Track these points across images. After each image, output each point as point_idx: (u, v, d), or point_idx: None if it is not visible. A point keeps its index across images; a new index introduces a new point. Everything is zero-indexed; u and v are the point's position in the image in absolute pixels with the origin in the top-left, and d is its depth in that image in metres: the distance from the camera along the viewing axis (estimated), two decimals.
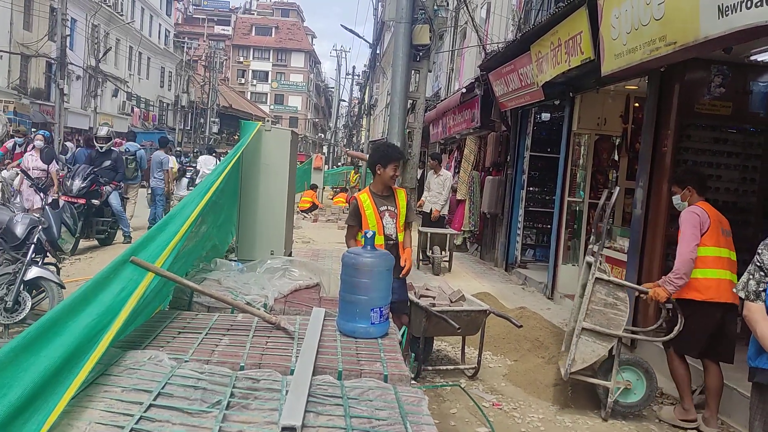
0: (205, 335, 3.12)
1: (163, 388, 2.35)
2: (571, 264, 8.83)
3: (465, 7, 13.78)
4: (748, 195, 6.17)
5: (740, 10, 3.74)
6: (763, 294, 2.71)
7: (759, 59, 5.82)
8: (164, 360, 2.63)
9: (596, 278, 4.62)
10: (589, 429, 4.46)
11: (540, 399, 4.93)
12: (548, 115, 11.20)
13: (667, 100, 6.16)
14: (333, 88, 67.65)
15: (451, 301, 5.39)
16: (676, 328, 4.56)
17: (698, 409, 4.94)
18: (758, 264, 2.78)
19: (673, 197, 4.88)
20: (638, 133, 7.43)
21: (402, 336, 4.27)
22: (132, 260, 2.86)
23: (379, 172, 4.51)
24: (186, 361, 2.70)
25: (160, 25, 46.69)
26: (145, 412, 2.15)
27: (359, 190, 23.25)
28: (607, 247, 7.35)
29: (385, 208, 4.50)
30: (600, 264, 4.69)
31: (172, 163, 15.87)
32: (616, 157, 8.80)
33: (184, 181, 15.44)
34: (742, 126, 6.17)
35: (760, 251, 2.81)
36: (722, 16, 3.90)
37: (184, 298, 3.85)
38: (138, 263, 2.87)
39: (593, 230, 4.98)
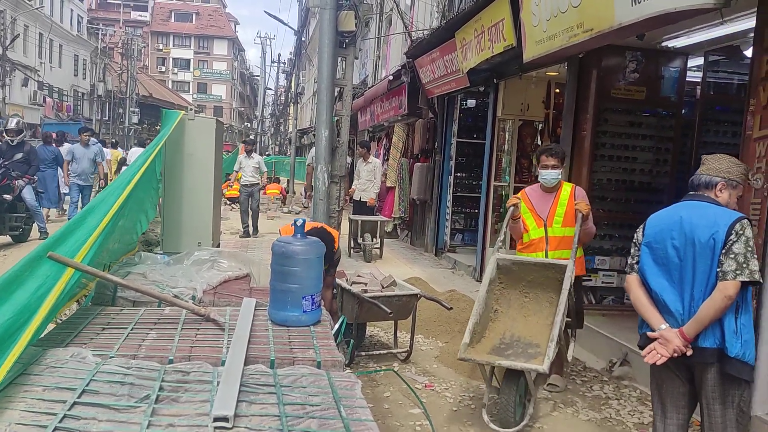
0: (131, 330, 3.04)
1: (87, 386, 2.28)
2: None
3: None
4: (662, 176, 6.52)
5: None
6: (636, 266, 3.07)
7: (670, 45, 6.12)
8: (88, 357, 2.54)
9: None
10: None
11: (471, 378, 5.07)
12: (474, 101, 11.44)
13: (585, 86, 6.41)
14: (258, 76, 66.46)
15: (383, 287, 5.45)
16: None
17: (619, 379, 5.21)
18: (634, 241, 3.14)
19: (553, 171, 4.65)
20: (560, 118, 7.71)
21: (341, 325, 4.28)
22: (49, 255, 2.74)
23: None
24: (111, 357, 2.63)
25: (72, 10, 44.44)
26: (69, 410, 2.08)
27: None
28: None
29: None
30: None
31: (110, 154, 15.54)
32: (540, 142, 9.08)
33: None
34: (655, 110, 6.50)
35: (637, 230, 3.15)
36: (635, 4, 4.09)
37: (108, 294, 3.73)
38: (56, 258, 2.75)
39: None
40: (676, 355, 2.85)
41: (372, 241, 10.34)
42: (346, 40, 8.16)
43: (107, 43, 49.57)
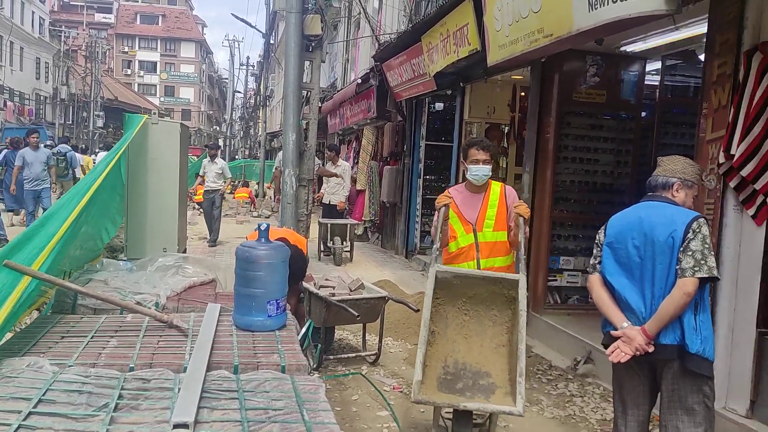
0: (91, 338, 3.00)
1: (44, 395, 2.25)
2: None
3: None
4: (622, 177, 6.66)
5: (607, 4, 4.03)
6: (599, 266, 3.16)
7: (628, 50, 6.27)
8: (45, 366, 2.51)
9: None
10: None
11: None
12: (441, 104, 11.53)
13: (548, 90, 6.52)
14: (227, 79, 65.86)
15: (351, 290, 5.47)
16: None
17: (584, 377, 5.31)
18: (596, 241, 3.24)
19: (485, 167, 4.03)
20: (525, 121, 7.82)
21: (308, 329, 4.28)
22: (5, 263, 2.70)
23: None
24: (70, 366, 2.60)
25: (33, 12, 43.52)
26: (24, 420, 2.05)
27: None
28: None
29: None
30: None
31: (83, 160, 15.54)
32: (506, 144, 9.21)
33: None
34: (615, 113, 6.64)
35: (599, 231, 3.24)
36: (592, 10, 4.19)
37: (67, 301, 3.67)
38: (12, 266, 2.71)
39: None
40: (638, 353, 2.92)
41: (342, 244, 10.34)
42: (313, 44, 8.18)
43: (70, 45, 48.64)
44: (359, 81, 13.15)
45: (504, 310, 3.66)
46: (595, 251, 3.20)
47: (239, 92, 58.79)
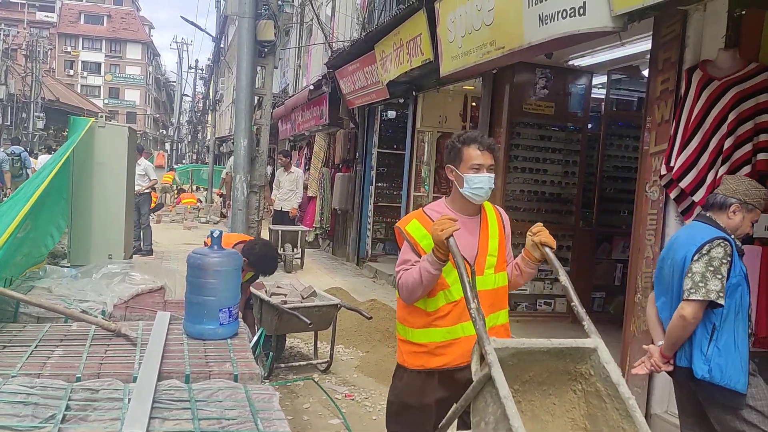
0: (35, 348, 2.90)
1: None
2: None
3: (310, 4, 13.84)
4: (570, 187, 6.85)
5: (557, 20, 4.16)
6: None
7: (576, 64, 6.47)
8: None
9: None
10: None
11: None
12: (394, 113, 11.62)
13: (499, 101, 6.66)
14: (175, 82, 64.63)
15: (303, 298, 5.44)
16: None
17: None
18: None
19: (489, 176, 2.81)
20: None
21: (260, 337, 4.24)
22: None
23: None
24: (13, 377, 2.50)
25: None
26: None
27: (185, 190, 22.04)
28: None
29: None
30: None
31: (34, 163, 15.34)
32: None
33: None
34: (563, 124, 6.83)
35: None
36: (542, 24, 4.32)
37: (9, 310, 3.54)
38: None
39: None
40: (653, 369, 2.93)
41: (293, 251, 10.27)
42: (266, 50, 8.13)
43: (9, 44, 46.84)
44: (311, 87, 13.12)
45: (563, 394, 2.34)
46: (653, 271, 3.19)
47: (187, 96, 57.73)
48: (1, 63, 42.72)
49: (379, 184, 11.59)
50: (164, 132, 75.44)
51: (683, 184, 3.99)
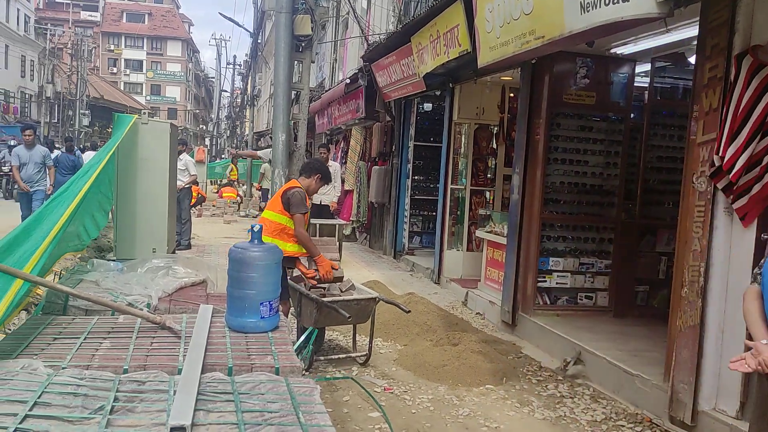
0: (84, 340, 2.98)
1: (39, 398, 2.23)
2: (456, 249, 9.20)
3: None
4: (612, 178, 6.70)
5: (599, 7, 4.05)
6: (759, 277, 2.88)
7: (618, 52, 6.31)
8: (39, 368, 2.49)
9: None
10: (476, 404, 4.70)
11: (429, 381, 5.12)
12: (430, 105, 11.55)
13: (538, 91, 6.55)
14: (213, 78, 65.49)
15: (341, 291, 5.45)
16: None
17: (573, 378, 5.34)
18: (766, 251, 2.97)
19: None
20: (514, 122, 7.84)
21: (312, 335, 4.25)
22: None
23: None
24: (63, 368, 2.57)
25: (18, 9, 42.96)
26: (20, 423, 2.03)
27: (235, 183, 22.39)
28: (488, 232, 7.74)
29: None
30: None
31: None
32: (495, 146, 9.23)
33: None
34: (605, 114, 6.68)
35: None
36: (584, 12, 4.21)
37: (59, 303, 3.64)
38: (4, 270, 2.68)
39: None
40: (760, 368, 2.63)
41: None
42: (303, 44, 8.17)
43: (56, 43, 48.13)
44: (348, 81, 13.12)
45: None
46: (761, 261, 2.91)
47: (226, 91, 58.47)
48: (48, 62, 43.97)
49: (416, 177, 11.55)
50: (204, 127, 76.61)
51: (732, 174, 3.85)
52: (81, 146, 18.76)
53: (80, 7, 68.70)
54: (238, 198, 19.37)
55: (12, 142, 13.34)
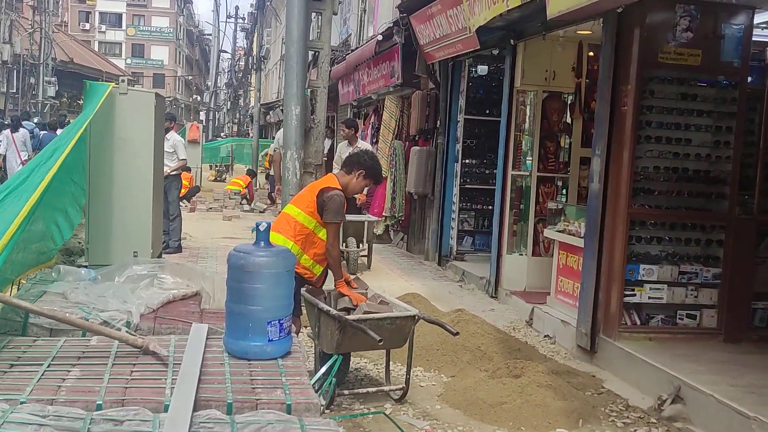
0: (48, 368, 3.04)
1: None
2: (518, 253, 9.14)
3: None
4: (722, 162, 6.57)
5: None
6: None
7: None
8: None
9: None
10: None
11: (483, 422, 5.11)
12: (486, 68, 11.46)
13: (625, 49, 6.45)
14: (210, 35, 66.25)
15: (375, 305, 5.45)
16: None
17: (671, 421, 5.28)
18: None
19: None
20: (594, 90, 7.75)
21: (335, 363, 4.27)
22: None
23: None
24: (23, 403, 2.64)
25: None
26: None
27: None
28: (560, 231, 7.68)
29: None
30: None
31: None
32: (569, 120, 9.14)
33: None
34: (714, 79, 6.55)
35: None
36: None
37: (17, 320, 3.73)
38: None
39: None
40: None
41: (357, 247, 10.36)
42: None
43: None
44: (380, 38, 13.13)
45: None
46: None
47: (226, 52, 59.17)
48: (5, 17, 44.91)
49: (467, 161, 11.50)
50: (198, 98, 77.68)
51: None
52: (44, 123, 19.08)
53: None
54: (245, 190, 19.27)
55: None
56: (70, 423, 2.47)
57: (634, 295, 6.53)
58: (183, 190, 14.54)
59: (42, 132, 15.54)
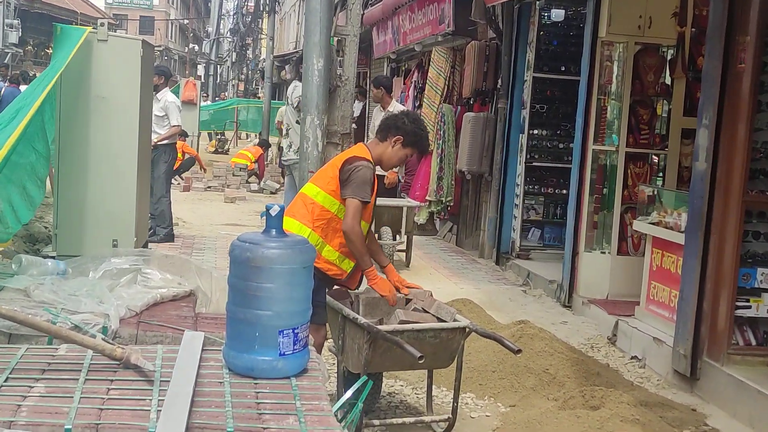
0: (5, 382, 3.08)
1: None
2: (599, 251, 9.07)
3: None
4: None
5: None
6: None
7: None
8: None
9: None
10: None
11: None
12: (562, 12, 11.34)
13: None
14: None
15: (422, 311, 5.44)
16: None
17: None
18: None
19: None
20: (702, 42, 7.64)
21: (365, 386, 4.28)
22: None
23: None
24: None
25: None
26: None
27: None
28: (653, 224, 7.60)
29: None
30: None
31: None
32: (669, 80, 9.04)
33: None
34: None
35: None
36: None
37: None
38: None
39: None
40: None
41: (394, 239, 10.35)
42: None
43: None
44: None
45: None
46: None
47: None
48: None
49: (535, 132, 11.43)
50: (196, 48, 78.08)
51: None
52: (4, 76, 19.35)
53: None
54: (254, 165, 19.20)
55: None
56: None
57: (749, 307, 6.46)
58: (177, 163, 14.67)
59: (1, 87, 15.67)
